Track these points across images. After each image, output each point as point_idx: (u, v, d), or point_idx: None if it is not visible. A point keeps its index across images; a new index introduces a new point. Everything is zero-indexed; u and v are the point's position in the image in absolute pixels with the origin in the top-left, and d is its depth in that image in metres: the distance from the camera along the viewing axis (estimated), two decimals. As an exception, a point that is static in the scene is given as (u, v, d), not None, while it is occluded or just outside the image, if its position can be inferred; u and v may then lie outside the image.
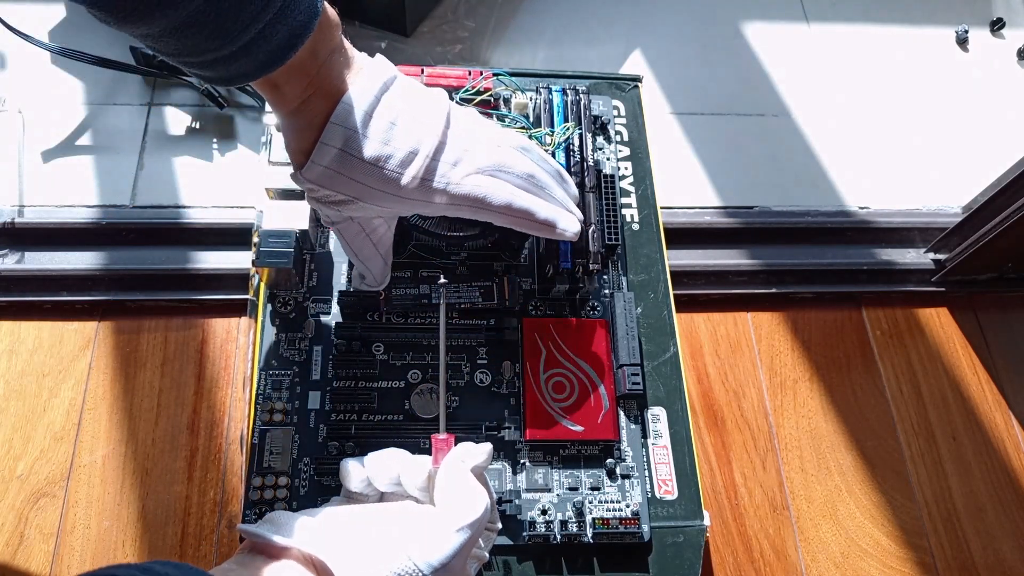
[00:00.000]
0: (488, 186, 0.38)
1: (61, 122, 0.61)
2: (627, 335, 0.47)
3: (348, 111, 0.35)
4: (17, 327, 0.53)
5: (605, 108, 0.55)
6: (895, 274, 0.63)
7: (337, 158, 0.35)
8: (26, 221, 0.55)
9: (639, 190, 0.54)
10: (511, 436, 0.44)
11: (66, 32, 0.65)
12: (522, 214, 0.39)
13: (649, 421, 0.46)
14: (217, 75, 0.33)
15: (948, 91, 0.73)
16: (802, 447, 0.56)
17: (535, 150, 0.41)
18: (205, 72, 0.33)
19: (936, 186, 0.68)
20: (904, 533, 0.54)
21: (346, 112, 0.35)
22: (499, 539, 0.42)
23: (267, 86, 0.35)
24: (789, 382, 0.58)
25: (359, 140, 0.36)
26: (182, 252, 0.56)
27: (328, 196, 0.37)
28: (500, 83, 0.52)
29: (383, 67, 0.38)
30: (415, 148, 0.36)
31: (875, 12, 0.77)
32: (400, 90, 0.38)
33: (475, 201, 0.38)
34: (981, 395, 0.60)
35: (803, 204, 0.65)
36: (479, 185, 0.38)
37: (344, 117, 0.35)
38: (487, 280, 0.48)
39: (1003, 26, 0.77)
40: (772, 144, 0.68)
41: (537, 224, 0.40)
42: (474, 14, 0.71)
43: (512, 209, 0.39)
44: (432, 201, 0.38)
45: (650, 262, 0.51)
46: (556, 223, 0.40)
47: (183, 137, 0.62)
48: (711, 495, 0.53)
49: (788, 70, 0.73)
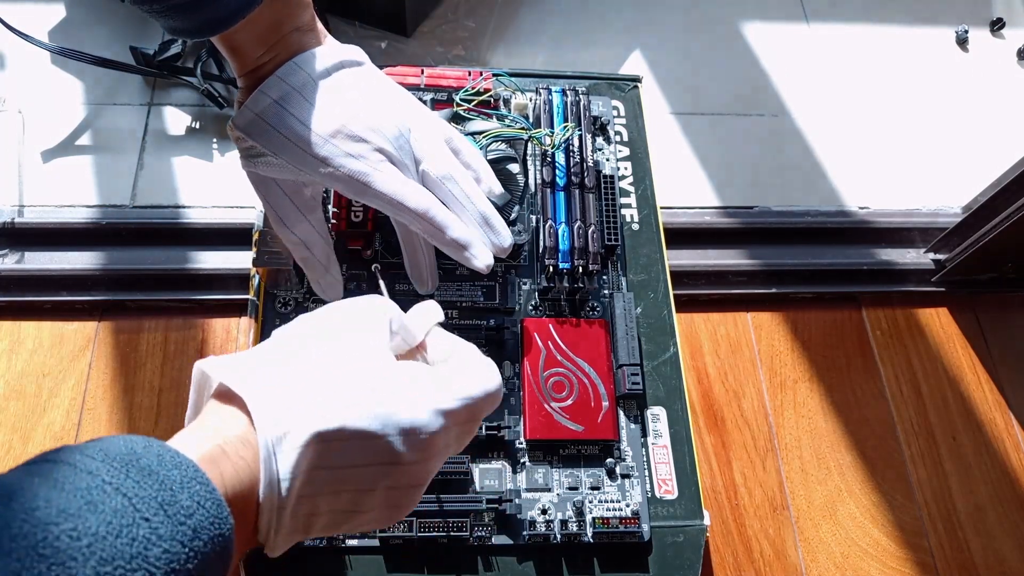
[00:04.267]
0: (406, 188, 0.38)
1: (61, 122, 0.61)
2: (627, 335, 0.47)
3: (294, 70, 0.36)
4: (17, 327, 0.53)
5: (605, 108, 0.55)
6: (895, 274, 0.63)
7: (269, 108, 0.36)
8: (26, 221, 0.55)
9: (639, 190, 0.54)
10: (511, 436, 0.44)
11: (66, 32, 0.65)
12: (437, 226, 0.39)
13: (649, 421, 0.46)
14: (182, 25, 0.34)
15: (948, 91, 0.73)
16: (802, 447, 0.56)
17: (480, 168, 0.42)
18: (171, 21, 0.34)
19: (936, 186, 0.68)
20: (904, 533, 0.54)
21: (292, 70, 0.36)
22: (499, 539, 0.42)
23: (228, 47, 0.36)
24: (789, 382, 0.58)
25: (295, 97, 0.36)
26: (182, 252, 0.56)
27: (252, 149, 0.38)
28: (500, 83, 0.52)
29: (350, 49, 0.39)
30: (346, 122, 0.37)
31: (875, 12, 0.77)
32: (361, 74, 0.38)
33: (390, 201, 0.38)
34: (981, 395, 0.60)
35: (803, 204, 0.65)
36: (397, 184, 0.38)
37: (289, 73, 0.36)
38: (487, 280, 0.48)
39: (1003, 26, 0.77)
40: (772, 144, 0.68)
41: (447, 241, 0.40)
42: (474, 14, 0.71)
43: (428, 217, 0.39)
44: (344, 180, 0.38)
45: (650, 262, 0.51)
46: (468, 246, 0.40)
47: (183, 137, 0.62)
48: (711, 495, 0.53)
49: (788, 70, 0.73)
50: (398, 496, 0.29)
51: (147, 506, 0.21)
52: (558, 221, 0.48)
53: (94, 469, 0.21)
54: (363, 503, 0.28)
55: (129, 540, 0.20)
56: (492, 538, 0.42)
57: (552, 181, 0.49)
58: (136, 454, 0.22)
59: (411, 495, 0.29)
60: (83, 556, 0.19)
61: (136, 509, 0.21)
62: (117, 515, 0.20)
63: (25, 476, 0.21)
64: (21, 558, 0.18)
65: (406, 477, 0.28)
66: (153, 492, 0.21)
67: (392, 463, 0.28)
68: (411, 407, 0.28)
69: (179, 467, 0.23)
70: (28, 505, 0.19)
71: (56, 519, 0.19)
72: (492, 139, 0.47)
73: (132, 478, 0.21)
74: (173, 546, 0.21)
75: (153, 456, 0.22)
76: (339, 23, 0.68)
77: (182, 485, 0.22)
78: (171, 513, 0.21)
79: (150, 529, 0.21)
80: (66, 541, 0.19)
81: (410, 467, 0.28)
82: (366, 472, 0.27)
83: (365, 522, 0.29)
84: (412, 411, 0.28)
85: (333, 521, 0.28)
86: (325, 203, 0.49)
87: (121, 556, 0.20)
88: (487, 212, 0.41)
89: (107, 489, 0.21)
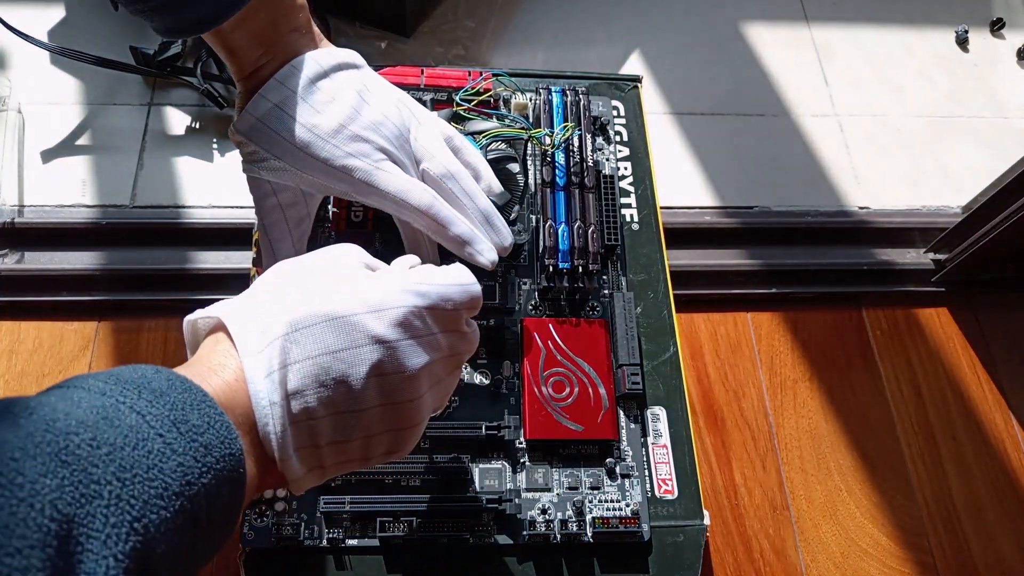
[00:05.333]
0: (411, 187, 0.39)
1: (61, 122, 0.61)
2: (627, 335, 0.47)
3: (293, 73, 0.36)
4: (17, 327, 0.53)
5: (605, 108, 0.55)
6: (895, 274, 0.63)
7: (270, 113, 0.36)
8: (26, 221, 0.55)
9: (639, 190, 0.54)
10: (511, 436, 0.44)
11: (66, 32, 0.65)
12: (440, 222, 0.39)
13: (649, 421, 0.46)
14: (173, 24, 0.34)
15: (948, 91, 0.73)
16: (802, 447, 0.56)
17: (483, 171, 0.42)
18: (162, 20, 0.34)
19: (936, 186, 0.68)
20: (904, 533, 0.54)
21: (290, 73, 0.36)
22: (499, 539, 0.42)
23: (225, 50, 0.36)
24: (789, 382, 0.58)
25: (295, 101, 0.36)
26: (182, 252, 0.56)
27: (255, 154, 0.38)
28: (500, 83, 0.52)
29: (347, 53, 0.39)
30: (346, 123, 0.37)
31: (875, 12, 0.77)
32: (358, 76, 0.38)
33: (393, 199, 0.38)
34: (981, 395, 0.60)
35: (803, 204, 0.65)
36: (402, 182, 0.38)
37: (287, 77, 0.36)
38: (487, 280, 0.48)
39: (1003, 26, 0.77)
40: (772, 144, 0.68)
41: (450, 237, 0.40)
42: (474, 14, 0.71)
43: (431, 214, 0.39)
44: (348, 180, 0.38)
45: (650, 262, 0.51)
46: (472, 242, 0.40)
47: (183, 137, 0.62)
48: (711, 495, 0.53)
49: (788, 70, 0.73)
50: (395, 397, 0.29)
51: (160, 423, 0.22)
52: (558, 221, 0.48)
53: (108, 391, 0.22)
54: (359, 401, 0.28)
55: (145, 452, 0.21)
56: (492, 538, 0.42)
57: (552, 181, 0.49)
58: (147, 378, 0.23)
59: (408, 408, 0.29)
60: (103, 463, 0.20)
61: (150, 426, 0.22)
62: (132, 430, 0.21)
63: (43, 396, 0.21)
64: (46, 463, 0.19)
65: (392, 364, 0.28)
66: (165, 411, 0.22)
67: (373, 343, 0.28)
68: (379, 288, 0.29)
69: (188, 391, 0.23)
70: (48, 417, 0.20)
71: (76, 429, 0.20)
72: (492, 139, 0.47)
73: (145, 399, 0.22)
74: (186, 460, 0.22)
75: (163, 380, 0.23)
76: (339, 23, 0.68)
77: (191, 406, 0.23)
78: (183, 431, 0.22)
79: (164, 444, 0.22)
80: (86, 449, 0.20)
81: (394, 353, 0.28)
82: (348, 357, 0.27)
83: (373, 442, 0.29)
84: (380, 291, 0.29)
85: (336, 428, 0.28)
86: (325, 204, 0.49)
87: (139, 466, 0.21)
88: (488, 210, 0.41)
89: (122, 408, 0.22)
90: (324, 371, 0.27)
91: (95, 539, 0.19)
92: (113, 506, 0.20)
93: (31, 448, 0.19)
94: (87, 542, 0.19)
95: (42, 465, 0.19)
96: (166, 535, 0.21)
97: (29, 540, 0.17)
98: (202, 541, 0.23)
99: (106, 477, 0.20)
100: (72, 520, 0.18)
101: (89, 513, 0.19)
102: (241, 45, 0.36)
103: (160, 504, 0.21)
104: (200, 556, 0.23)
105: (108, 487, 0.20)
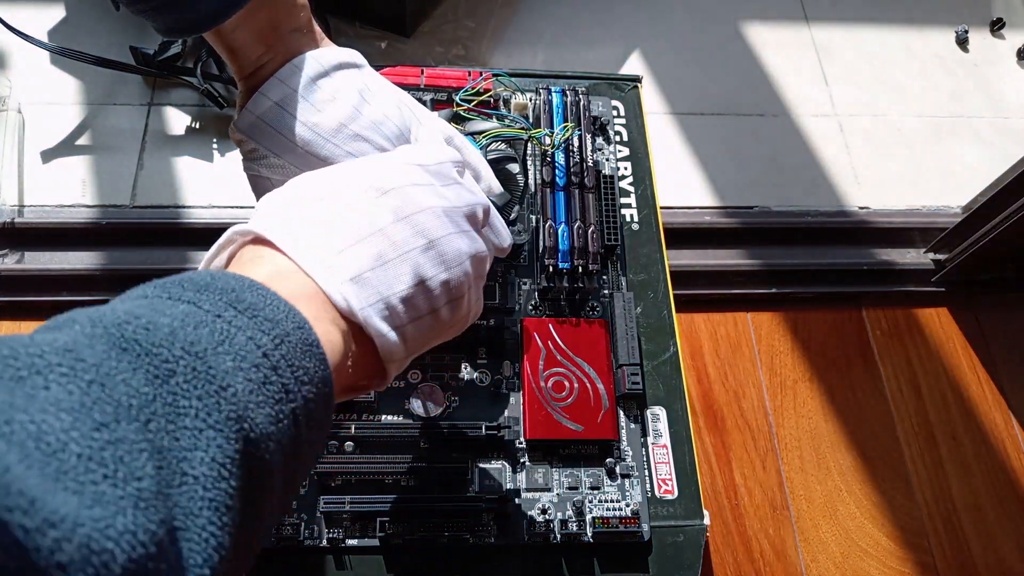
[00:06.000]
0: None
1: (61, 122, 0.61)
2: (627, 335, 0.47)
3: (294, 71, 0.37)
4: (17, 327, 0.53)
5: (604, 108, 0.55)
6: (895, 274, 0.63)
7: (270, 111, 0.36)
8: (26, 221, 0.55)
9: (639, 190, 0.54)
10: (511, 436, 0.44)
11: (66, 32, 0.65)
12: None
13: (649, 421, 0.46)
14: (174, 23, 0.34)
15: (948, 91, 0.73)
16: (802, 447, 0.56)
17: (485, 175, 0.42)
18: (162, 18, 0.34)
19: (936, 186, 0.68)
20: (904, 533, 0.54)
21: (291, 72, 0.37)
22: (499, 539, 0.42)
23: (226, 50, 0.36)
24: (789, 382, 0.58)
25: (295, 99, 0.36)
26: (182, 252, 0.56)
27: (255, 152, 0.38)
28: (500, 83, 0.52)
29: (347, 52, 0.39)
30: (346, 122, 0.37)
31: (875, 12, 0.77)
32: (359, 75, 0.38)
33: None
34: (981, 395, 0.60)
35: (803, 204, 0.65)
36: None
37: (288, 75, 0.36)
38: (487, 280, 0.48)
39: (1003, 26, 0.77)
40: (772, 144, 0.68)
41: None
42: (474, 14, 0.71)
43: None
44: None
45: (650, 262, 0.51)
46: None
47: (183, 137, 0.62)
48: (711, 495, 0.53)
49: (788, 70, 0.73)
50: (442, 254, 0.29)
51: (215, 307, 0.21)
52: (558, 221, 0.48)
53: (149, 293, 0.21)
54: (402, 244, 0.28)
55: (208, 332, 0.20)
56: (492, 538, 0.42)
57: (552, 181, 0.49)
58: (187, 276, 0.22)
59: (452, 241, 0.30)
60: (167, 343, 0.19)
61: (205, 310, 0.21)
62: (187, 316, 0.20)
63: (78, 307, 0.20)
64: (107, 351, 0.18)
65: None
66: (216, 297, 0.21)
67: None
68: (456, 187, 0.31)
69: (234, 279, 0.22)
70: (93, 315, 0.19)
71: (125, 319, 0.19)
72: (492, 139, 0.47)
73: (190, 290, 0.21)
74: (255, 334, 0.21)
75: (205, 275, 0.22)
76: (339, 23, 0.68)
77: (243, 288, 0.22)
78: (241, 309, 0.21)
79: (225, 322, 0.21)
80: (143, 334, 0.19)
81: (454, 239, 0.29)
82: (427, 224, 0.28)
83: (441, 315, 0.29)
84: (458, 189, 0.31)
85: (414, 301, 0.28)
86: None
87: (206, 342, 0.20)
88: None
89: (168, 301, 0.21)
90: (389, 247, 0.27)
91: (185, 415, 0.18)
92: (193, 379, 0.18)
93: (83, 340, 0.18)
94: (178, 419, 0.18)
95: (103, 354, 0.17)
96: (261, 406, 0.19)
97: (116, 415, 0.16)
98: (302, 418, 0.21)
99: (174, 355, 0.19)
100: (154, 399, 0.17)
101: (170, 391, 0.18)
102: (242, 45, 0.36)
103: (242, 373, 0.19)
104: (305, 442, 0.22)
105: (182, 362, 0.18)
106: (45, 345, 0.17)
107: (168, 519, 0.16)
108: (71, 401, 0.16)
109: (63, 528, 0.14)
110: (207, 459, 0.18)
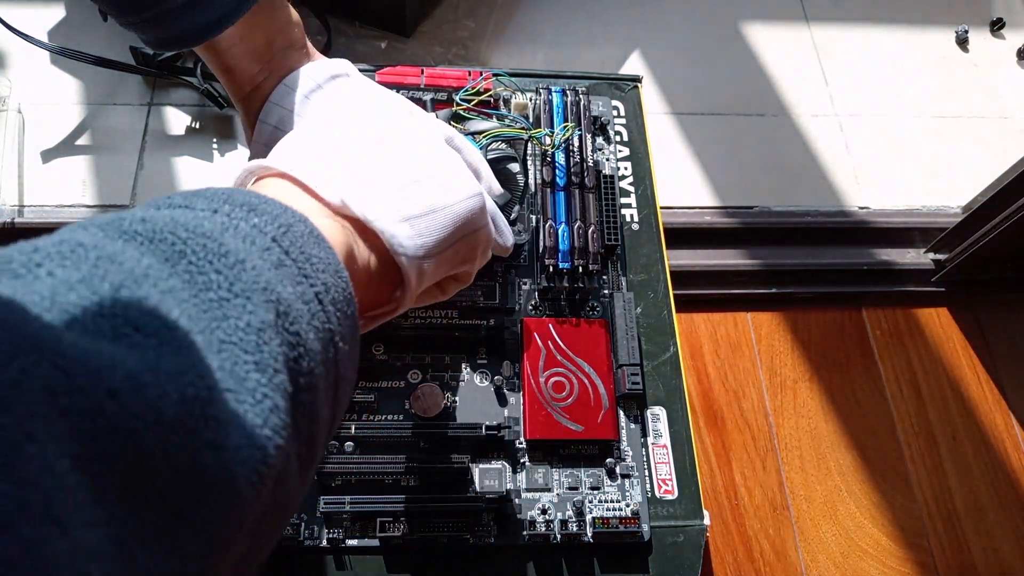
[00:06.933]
0: None
1: (61, 122, 0.61)
2: (627, 335, 0.47)
3: (287, 92, 0.36)
4: (17, 327, 0.53)
5: (605, 108, 0.55)
6: (895, 274, 0.63)
7: (272, 136, 0.36)
8: (26, 221, 0.55)
9: (639, 190, 0.54)
10: (511, 436, 0.44)
11: (66, 32, 0.65)
12: None
13: (649, 421, 0.46)
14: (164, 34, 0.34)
15: (948, 91, 0.73)
16: (802, 447, 0.56)
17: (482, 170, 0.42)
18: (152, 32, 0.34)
19: (936, 186, 0.68)
20: (904, 533, 0.54)
21: (284, 93, 0.36)
22: (499, 539, 0.42)
23: (221, 69, 0.36)
24: (789, 382, 0.58)
25: (292, 119, 0.36)
26: (182, 252, 0.56)
27: None
28: (500, 83, 0.52)
29: (338, 63, 0.39)
30: None
31: (875, 12, 0.77)
32: (352, 83, 0.38)
33: None
34: (981, 395, 0.60)
35: (803, 204, 0.65)
36: None
37: (282, 97, 0.36)
38: (487, 280, 0.48)
39: (1003, 26, 0.77)
40: (772, 144, 0.68)
41: None
42: (474, 14, 0.71)
43: None
44: None
45: (650, 262, 0.51)
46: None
47: (183, 137, 0.62)
48: (711, 495, 0.53)
49: (788, 70, 0.73)
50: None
51: (209, 205, 0.20)
52: (558, 221, 0.48)
53: (160, 204, 0.21)
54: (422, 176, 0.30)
55: (210, 223, 0.19)
56: (492, 538, 0.42)
57: (552, 181, 0.49)
58: (198, 191, 0.22)
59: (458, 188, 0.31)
60: (170, 228, 0.18)
61: (199, 210, 0.20)
62: (183, 213, 0.20)
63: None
64: (107, 238, 0.17)
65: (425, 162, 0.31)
66: (206, 200, 0.21)
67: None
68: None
69: (240, 193, 0.22)
70: (98, 221, 0.18)
71: (117, 217, 0.18)
72: (492, 139, 0.47)
73: (177, 198, 0.21)
74: (259, 222, 0.20)
75: (217, 191, 0.22)
76: (339, 23, 0.68)
77: (233, 191, 0.22)
78: (237, 204, 0.21)
79: (225, 215, 0.20)
80: (141, 225, 0.18)
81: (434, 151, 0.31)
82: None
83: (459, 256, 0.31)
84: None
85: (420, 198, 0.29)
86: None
87: (208, 227, 0.19)
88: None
89: (184, 210, 0.20)
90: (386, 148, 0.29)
91: (207, 289, 0.17)
92: (207, 256, 0.18)
93: (79, 231, 0.17)
94: (201, 293, 0.17)
95: (103, 238, 0.17)
96: (283, 283, 0.19)
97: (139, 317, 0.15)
98: (329, 306, 0.21)
99: (180, 237, 0.18)
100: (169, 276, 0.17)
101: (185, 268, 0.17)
102: (239, 64, 0.36)
103: (256, 252, 0.19)
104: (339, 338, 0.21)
105: (191, 242, 0.18)
106: (38, 243, 0.16)
107: (210, 375, 0.15)
108: (80, 274, 0.15)
109: (115, 377, 0.14)
110: (242, 325, 0.17)
